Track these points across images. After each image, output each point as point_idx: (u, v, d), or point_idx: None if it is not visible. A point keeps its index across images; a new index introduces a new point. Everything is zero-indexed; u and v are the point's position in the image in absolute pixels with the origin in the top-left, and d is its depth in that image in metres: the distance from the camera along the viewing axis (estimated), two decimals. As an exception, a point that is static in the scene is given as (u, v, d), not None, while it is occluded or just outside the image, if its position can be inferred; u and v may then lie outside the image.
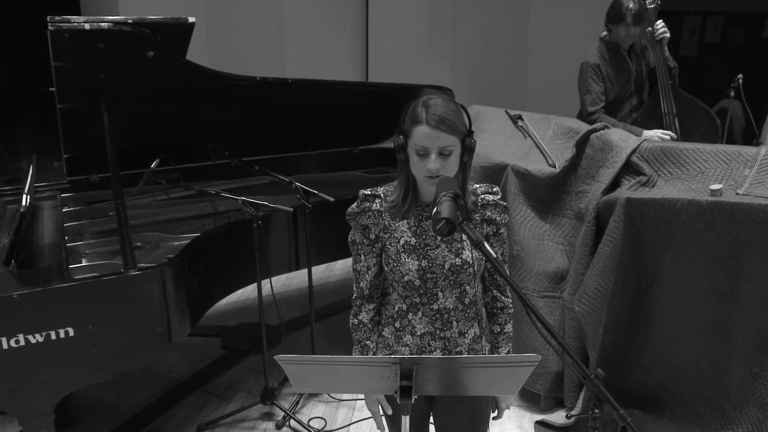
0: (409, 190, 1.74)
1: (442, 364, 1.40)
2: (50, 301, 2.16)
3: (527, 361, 1.37)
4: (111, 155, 2.45)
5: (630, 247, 2.75)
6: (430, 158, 1.62)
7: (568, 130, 3.25)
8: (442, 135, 1.61)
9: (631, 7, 3.44)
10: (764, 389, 2.69)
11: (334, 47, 6.36)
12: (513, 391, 1.55)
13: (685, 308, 2.74)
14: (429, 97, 1.67)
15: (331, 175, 3.88)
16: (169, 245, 2.86)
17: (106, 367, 2.33)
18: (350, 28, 6.35)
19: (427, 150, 1.62)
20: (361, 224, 1.78)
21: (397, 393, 1.45)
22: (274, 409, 3.06)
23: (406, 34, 6.32)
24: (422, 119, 1.62)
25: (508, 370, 1.41)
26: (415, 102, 1.68)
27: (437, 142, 1.61)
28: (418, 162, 1.65)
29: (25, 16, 9.63)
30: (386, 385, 1.44)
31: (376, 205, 1.77)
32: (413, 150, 1.65)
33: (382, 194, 1.78)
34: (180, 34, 2.46)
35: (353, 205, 1.81)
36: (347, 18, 6.33)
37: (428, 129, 1.61)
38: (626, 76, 3.63)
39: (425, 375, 1.39)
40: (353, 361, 1.46)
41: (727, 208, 2.57)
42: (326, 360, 1.37)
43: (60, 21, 2.19)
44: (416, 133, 1.63)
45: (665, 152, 2.85)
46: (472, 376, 1.43)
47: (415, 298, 1.76)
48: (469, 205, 1.75)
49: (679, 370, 2.82)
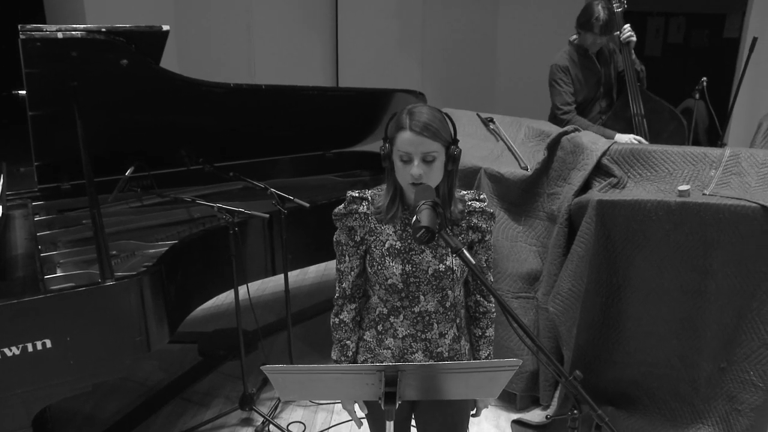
0: (396, 196, 1.76)
1: (424, 371, 1.42)
2: (27, 313, 2.14)
3: (508, 365, 1.40)
4: (85, 164, 2.43)
5: (602, 247, 2.81)
6: (413, 164, 1.65)
7: (540, 133, 3.30)
8: (425, 141, 1.63)
9: (601, 17, 3.49)
10: (731, 383, 2.78)
11: (304, 50, 6.36)
12: (494, 394, 1.58)
13: (656, 306, 2.81)
14: (414, 105, 1.70)
15: (305, 179, 3.89)
16: (145, 253, 2.85)
17: (85, 378, 2.31)
18: (320, 31, 6.35)
19: (411, 156, 1.65)
20: (347, 225, 1.80)
21: (381, 399, 1.48)
22: (253, 415, 3.06)
23: (375, 37, 6.34)
24: (406, 125, 1.64)
25: (489, 374, 1.44)
26: (400, 110, 1.71)
27: (420, 147, 1.63)
28: (402, 168, 1.67)
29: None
30: (371, 392, 1.47)
31: (363, 208, 1.79)
32: (397, 156, 1.67)
33: (370, 197, 1.80)
34: (154, 41, 2.45)
35: (340, 206, 1.82)
36: (317, 21, 6.33)
37: (411, 135, 1.63)
38: (595, 78, 3.70)
39: (408, 381, 1.42)
40: (339, 369, 1.48)
41: (694, 208, 2.65)
42: (312, 369, 1.39)
43: (32, 29, 2.16)
44: (400, 139, 1.66)
45: (634, 154, 2.92)
46: (454, 381, 1.46)
47: (396, 302, 1.79)
48: (456, 213, 1.78)
49: (651, 366, 2.90)
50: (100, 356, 2.30)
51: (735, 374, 2.77)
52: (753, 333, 2.71)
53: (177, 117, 2.95)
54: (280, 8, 6.18)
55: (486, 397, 1.61)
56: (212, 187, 3.54)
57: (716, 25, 7.16)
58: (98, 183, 3.15)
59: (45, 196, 3.27)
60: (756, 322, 2.70)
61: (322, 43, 6.38)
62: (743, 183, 2.75)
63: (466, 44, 6.50)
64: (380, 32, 6.33)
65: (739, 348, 2.74)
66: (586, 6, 3.61)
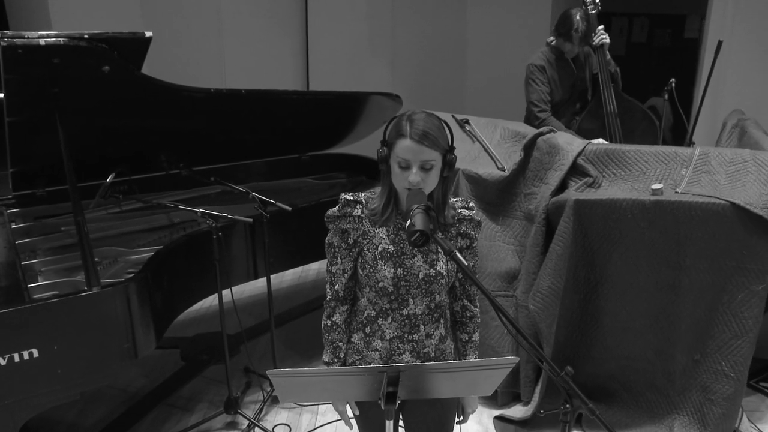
0: (390, 200, 1.79)
1: (426, 370, 1.46)
2: (14, 323, 2.13)
3: (506, 363, 1.45)
4: (68, 171, 2.41)
5: (579, 246, 2.89)
6: (411, 171, 1.68)
7: (515, 134, 3.37)
8: (425, 150, 1.67)
9: (581, 28, 3.59)
10: (705, 374, 2.89)
11: (275, 53, 6.35)
12: (489, 391, 1.63)
13: (632, 302, 2.90)
14: (414, 111, 1.73)
15: (281, 182, 3.90)
16: (127, 259, 2.84)
17: (73, 387, 2.30)
18: (290, 34, 6.35)
19: (409, 163, 1.68)
20: (340, 228, 1.82)
21: (381, 399, 1.51)
22: (238, 418, 3.07)
23: (345, 39, 6.36)
24: (406, 133, 1.67)
25: (487, 372, 1.49)
26: (400, 116, 1.74)
27: (420, 155, 1.67)
28: (400, 174, 1.70)
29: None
30: (371, 392, 1.50)
31: (357, 211, 1.81)
32: (395, 162, 1.70)
33: (364, 200, 1.83)
34: (137, 47, 2.43)
35: (334, 209, 1.84)
36: (287, 23, 6.33)
37: (411, 143, 1.66)
38: (570, 80, 3.79)
39: (407, 381, 1.46)
40: (343, 372, 1.51)
41: (668, 206, 2.74)
42: (317, 372, 1.42)
43: (13, 36, 2.14)
44: (399, 147, 1.69)
45: (609, 154, 3.00)
46: (451, 379, 1.51)
47: (386, 304, 1.82)
48: (448, 219, 1.82)
49: (628, 360, 2.99)
50: (87, 364, 2.30)
51: (708, 365, 2.87)
52: (724, 325, 2.81)
53: (156, 122, 2.94)
54: (250, 10, 6.16)
55: (481, 394, 1.66)
56: (189, 191, 3.54)
57: (677, 26, 7.37)
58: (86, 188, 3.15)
59: (20, 203, 3.22)
60: (727, 314, 2.80)
61: (293, 45, 6.37)
62: (713, 181, 2.85)
63: (436, 46, 6.55)
64: (350, 34, 6.35)
65: (712, 340, 2.85)
66: (566, 16, 3.67)
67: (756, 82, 5.01)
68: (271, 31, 6.28)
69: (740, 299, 2.77)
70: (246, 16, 6.15)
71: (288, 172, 4.00)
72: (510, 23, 6.48)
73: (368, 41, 6.41)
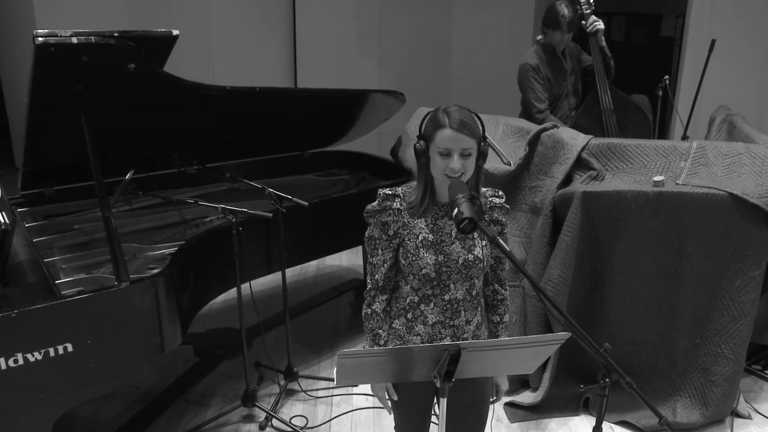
0: (427, 192, 1.89)
1: (489, 347, 1.55)
2: (49, 318, 2.15)
3: (558, 338, 1.55)
4: (95, 169, 2.44)
5: (586, 236, 3.00)
6: (452, 158, 1.78)
7: (518, 130, 3.47)
8: (464, 138, 1.77)
9: (566, 14, 3.72)
10: (705, 356, 3.03)
11: (263, 51, 6.39)
12: (533, 368, 1.73)
13: (636, 289, 3.02)
14: (446, 105, 1.83)
15: (286, 179, 3.95)
16: (146, 255, 2.87)
17: (105, 381, 2.33)
18: (278, 33, 6.40)
19: (450, 151, 1.78)
20: (380, 221, 1.92)
21: (437, 378, 1.60)
22: (254, 411, 3.12)
23: (333, 37, 6.43)
24: (445, 124, 1.78)
25: (539, 348, 1.58)
26: (434, 111, 1.84)
27: (460, 143, 1.78)
28: (441, 162, 1.80)
29: None
30: (429, 372, 1.59)
31: (396, 204, 1.91)
32: (436, 152, 1.80)
33: (402, 194, 1.93)
34: (162, 46, 2.47)
35: (373, 204, 1.94)
36: (275, 22, 6.38)
37: (452, 132, 1.77)
38: (562, 75, 3.91)
39: (467, 359, 1.54)
40: (409, 350, 1.59)
41: (670, 197, 2.87)
42: (383, 352, 1.49)
43: (47, 35, 2.16)
44: (440, 137, 1.79)
45: (611, 148, 3.12)
46: (504, 357, 1.59)
47: (428, 290, 1.91)
48: (482, 206, 1.92)
49: (632, 345, 3.11)
50: (119, 358, 2.33)
51: (708, 348, 3.01)
52: (723, 309, 2.96)
53: (171, 120, 2.98)
54: (239, 9, 6.20)
55: (527, 372, 1.75)
56: (197, 189, 3.57)
57: (653, 25, 7.59)
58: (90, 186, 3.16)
59: (27, 202, 3.23)
60: (725, 299, 2.95)
61: (280, 44, 6.42)
62: (710, 173, 2.99)
63: (421, 44, 6.66)
64: (338, 33, 6.42)
65: (711, 324, 2.99)
66: (550, 7, 3.82)
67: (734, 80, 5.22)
68: (259, 30, 6.32)
69: (738, 284, 2.92)
70: (234, 15, 6.19)
71: (290, 169, 4.04)
72: (493, 23, 6.62)
73: (356, 40, 6.50)
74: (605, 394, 1.77)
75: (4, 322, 2.07)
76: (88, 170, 3.04)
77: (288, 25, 6.39)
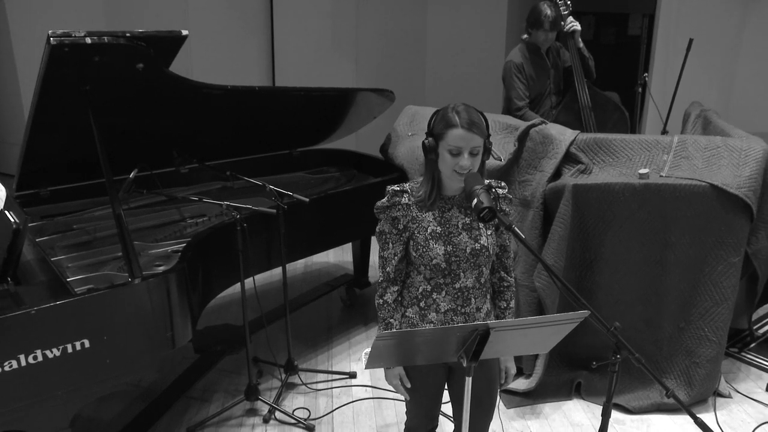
0: (434, 186, 1.99)
1: (516, 326, 1.65)
2: (67, 315, 2.18)
3: (578, 317, 1.66)
4: (105, 167, 2.47)
5: (576, 227, 3.13)
6: (462, 156, 1.88)
7: (506, 126, 3.59)
8: (474, 137, 1.87)
9: (549, 14, 3.87)
10: (689, 340, 3.18)
11: (241, 51, 6.42)
12: (549, 346, 1.85)
13: (624, 277, 3.17)
14: (455, 104, 1.92)
15: (278, 177, 4.00)
16: (150, 253, 2.91)
17: (120, 376, 2.38)
18: (255, 32, 6.43)
19: (461, 150, 1.88)
20: (390, 216, 2.01)
21: (463, 358, 1.69)
22: (257, 405, 3.18)
23: (310, 36, 6.49)
24: (456, 123, 1.87)
25: (558, 327, 1.69)
26: (443, 109, 1.93)
27: (470, 142, 1.87)
28: (451, 159, 1.89)
29: None
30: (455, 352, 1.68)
31: (404, 199, 2.01)
32: (446, 150, 1.89)
33: (409, 189, 2.02)
34: (170, 46, 2.52)
35: (383, 200, 2.03)
36: (252, 22, 6.40)
37: (463, 132, 1.86)
38: (545, 74, 4.05)
39: (494, 339, 1.64)
40: (444, 330, 1.70)
41: (656, 188, 3.02)
42: (420, 333, 1.59)
43: (62, 35, 2.19)
44: (451, 135, 1.88)
45: (597, 143, 3.26)
46: (529, 336, 1.70)
47: (440, 279, 2.01)
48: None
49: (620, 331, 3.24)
50: (133, 353, 2.37)
51: (692, 332, 3.17)
52: (706, 294, 3.12)
53: (173, 119, 3.02)
54: (216, 9, 6.21)
55: (544, 351, 1.86)
56: (193, 187, 3.60)
57: (621, 24, 7.82)
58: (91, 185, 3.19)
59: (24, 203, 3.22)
60: (708, 285, 3.11)
61: (258, 43, 6.45)
62: (691, 165, 3.15)
63: (397, 43, 6.76)
64: (315, 32, 6.48)
65: (695, 308, 3.15)
66: (533, 8, 3.96)
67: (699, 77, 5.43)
68: (236, 31, 6.35)
69: (720, 270, 3.08)
70: (212, 14, 6.20)
71: (280, 167, 4.10)
72: (467, 23, 6.75)
73: (332, 38, 6.56)
74: (615, 370, 1.89)
75: (24, 320, 2.10)
76: (86, 170, 3.10)
77: (266, 24, 6.42)
